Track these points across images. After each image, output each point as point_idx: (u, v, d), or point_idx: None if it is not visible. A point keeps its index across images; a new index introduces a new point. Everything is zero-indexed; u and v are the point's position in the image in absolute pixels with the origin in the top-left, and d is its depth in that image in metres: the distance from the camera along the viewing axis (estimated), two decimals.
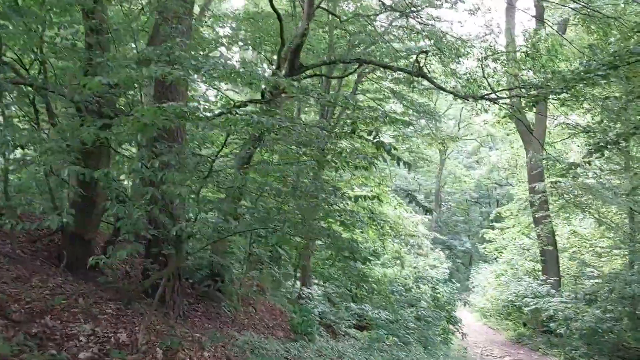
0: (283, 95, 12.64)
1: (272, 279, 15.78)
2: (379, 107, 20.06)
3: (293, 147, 10.48)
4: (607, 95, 12.20)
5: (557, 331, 16.16)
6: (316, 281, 16.89)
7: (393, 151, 6.50)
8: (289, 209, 9.80)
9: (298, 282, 16.08)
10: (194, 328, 9.24)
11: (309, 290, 15.21)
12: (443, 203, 51.14)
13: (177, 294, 9.81)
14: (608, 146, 11.53)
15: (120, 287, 7.41)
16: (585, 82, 7.69)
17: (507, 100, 13.57)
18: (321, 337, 11.99)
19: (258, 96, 11.46)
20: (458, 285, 24.40)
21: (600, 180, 17.15)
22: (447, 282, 29.13)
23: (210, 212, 10.08)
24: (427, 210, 11.98)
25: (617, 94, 12.28)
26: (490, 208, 46.27)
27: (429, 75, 11.84)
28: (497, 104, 12.23)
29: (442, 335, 14.73)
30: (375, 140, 6.58)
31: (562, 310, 15.32)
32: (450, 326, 15.49)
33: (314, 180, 15.55)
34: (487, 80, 12.66)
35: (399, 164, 6.43)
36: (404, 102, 18.73)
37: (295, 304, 10.55)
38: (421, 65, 11.55)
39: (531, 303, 17.58)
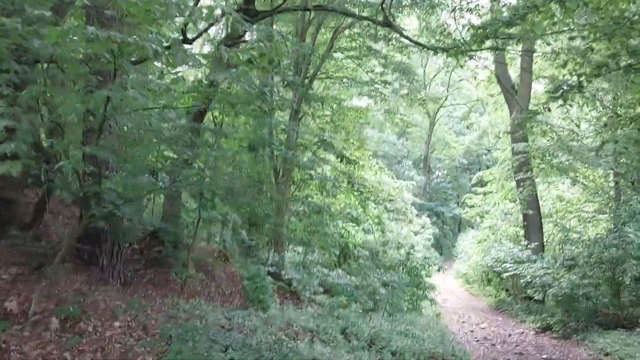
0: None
1: (239, 246, 15.16)
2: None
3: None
4: (571, 35, 11.28)
5: (535, 297, 15.65)
6: (295, 248, 16.28)
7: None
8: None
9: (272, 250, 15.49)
10: (133, 295, 8.61)
11: (281, 257, 14.59)
12: (433, 169, 50.53)
13: (118, 259, 9.15)
14: (566, 88, 10.68)
15: (31, 250, 6.70)
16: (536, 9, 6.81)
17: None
18: (281, 304, 11.41)
19: None
20: (433, 250, 23.92)
21: (583, 140, 16.47)
22: (428, 248, 28.76)
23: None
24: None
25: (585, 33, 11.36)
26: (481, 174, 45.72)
27: (396, 24, 11.03)
28: (468, 56, 11.39)
29: (410, 302, 14.18)
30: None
31: (540, 276, 14.75)
32: (421, 292, 14.91)
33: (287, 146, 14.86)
34: (460, 32, 11.81)
35: None
36: (380, 59, 17.84)
37: (247, 270, 9.88)
38: (387, 14, 10.69)
39: (510, 269, 17.02)
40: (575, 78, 9.48)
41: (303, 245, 15.99)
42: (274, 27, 18.25)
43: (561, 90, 8.22)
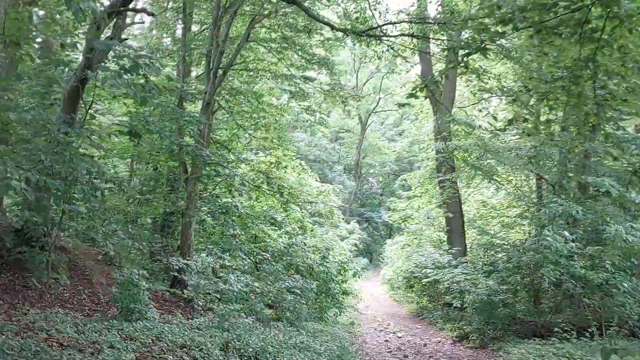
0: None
1: (129, 249, 13.68)
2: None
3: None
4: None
5: (455, 304, 14.92)
6: (205, 254, 14.89)
7: None
8: None
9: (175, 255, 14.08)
10: None
11: (185, 262, 13.18)
12: (364, 175, 50.04)
13: None
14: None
15: None
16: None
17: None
18: (168, 314, 10.08)
19: None
20: (356, 256, 23.10)
21: (505, 142, 15.94)
22: (354, 254, 27.94)
23: None
24: None
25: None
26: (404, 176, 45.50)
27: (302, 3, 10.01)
28: (381, 41, 10.47)
29: (317, 310, 13.11)
30: None
31: (459, 282, 14.00)
32: (331, 299, 13.84)
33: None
34: (372, 12, 10.86)
35: None
36: (300, 52, 16.77)
37: (118, 277, 8.50)
38: None
39: (430, 274, 16.28)
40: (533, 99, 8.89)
41: (208, 248, 14.71)
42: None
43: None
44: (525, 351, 10.23)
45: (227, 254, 14.35)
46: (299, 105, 19.84)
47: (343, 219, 32.75)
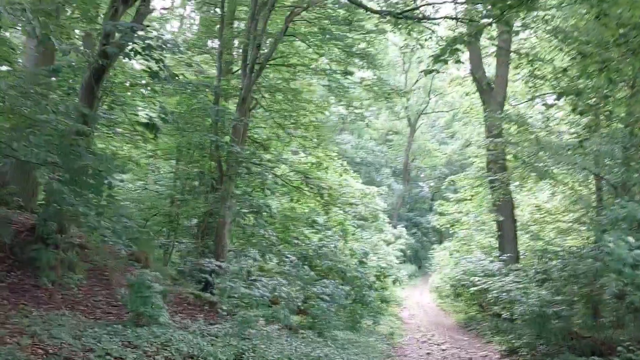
0: None
1: (154, 247, 13.22)
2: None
3: None
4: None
5: (504, 315, 13.75)
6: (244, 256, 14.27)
7: None
8: None
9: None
10: None
11: (218, 264, 12.57)
12: (413, 179, 48.73)
13: None
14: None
15: None
16: None
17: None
18: (187, 318, 9.44)
19: None
20: (402, 262, 22.08)
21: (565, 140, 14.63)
22: (402, 260, 26.88)
23: None
24: None
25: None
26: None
27: None
28: (421, 24, 9.54)
29: (350, 318, 12.19)
30: None
31: (508, 291, 12.84)
32: (366, 307, 12.90)
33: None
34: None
35: None
36: (339, 45, 15.94)
37: (131, 279, 7.89)
38: None
39: (478, 282, 15.13)
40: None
41: (246, 250, 14.06)
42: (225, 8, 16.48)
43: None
44: None
45: (262, 256, 13.71)
46: (341, 103, 19.01)
47: (389, 223, 31.70)
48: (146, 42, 7.31)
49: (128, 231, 8.01)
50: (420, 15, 9.45)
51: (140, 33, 7.93)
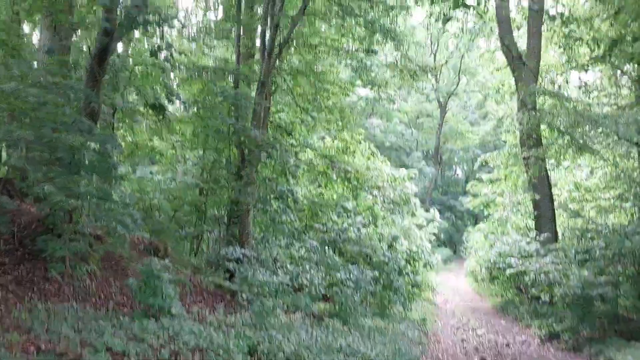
0: None
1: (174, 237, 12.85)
2: None
3: None
4: None
5: (543, 298, 12.99)
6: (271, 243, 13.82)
7: None
8: None
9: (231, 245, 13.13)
10: None
11: (242, 252, 12.15)
12: (445, 161, 47.70)
13: None
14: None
15: None
16: None
17: None
18: (206, 308, 9.02)
19: None
20: (436, 246, 21.36)
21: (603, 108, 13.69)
22: (435, 244, 26.05)
23: None
24: None
25: None
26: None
27: None
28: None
29: (377, 304, 11.60)
30: None
31: (547, 273, 12.08)
32: (393, 292, 12.26)
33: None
34: None
35: None
36: (361, 22, 15.21)
37: (144, 269, 7.45)
38: None
39: (514, 264, 14.38)
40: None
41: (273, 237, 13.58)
42: None
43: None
44: (633, 357, 8.31)
45: (286, 243, 13.24)
46: (366, 84, 18.31)
47: (422, 207, 30.90)
48: (144, 17, 6.81)
49: (133, 219, 7.49)
50: None
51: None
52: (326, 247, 11.81)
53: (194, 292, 10.05)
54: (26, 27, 15.51)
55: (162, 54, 7.61)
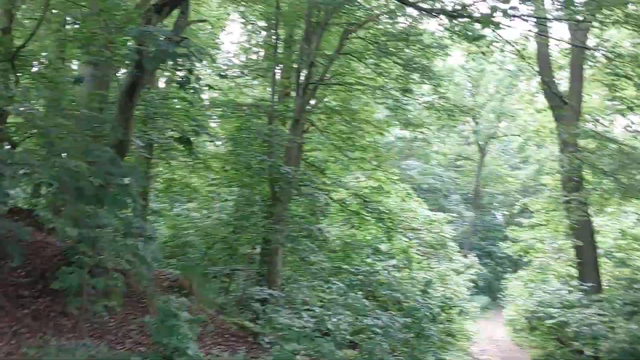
0: None
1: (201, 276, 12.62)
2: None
3: None
4: None
5: (587, 352, 12.18)
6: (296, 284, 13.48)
7: None
8: None
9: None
10: None
11: (270, 292, 11.85)
12: (485, 205, 46.62)
13: None
14: None
15: None
16: None
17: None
18: (228, 350, 8.68)
19: None
20: (464, 292, 20.57)
21: None
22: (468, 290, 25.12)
23: None
24: None
25: None
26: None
27: None
28: (479, 22, 8.53)
29: (407, 354, 10.96)
30: None
31: (591, 325, 11.34)
32: (427, 340, 11.63)
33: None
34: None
35: None
36: (397, 61, 15.03)
37: (161, 307, 7.19)
38: None
39: (555, 314, 13.61)
40: None
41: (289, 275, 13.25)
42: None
43: None
44: None
45: (313, 284, 12.85)
46: (401, 123, 18.00)
47: (460, 252, 30.06)
48: (174, 49, 6.72)
49: (153, 254, 7.27)
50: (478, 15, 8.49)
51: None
52: (355, 290, 11.37)
53: (216, 333, 9.74)
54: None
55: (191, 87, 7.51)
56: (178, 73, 7.93)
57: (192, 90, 7.17)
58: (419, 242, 21.41)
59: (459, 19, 9.10)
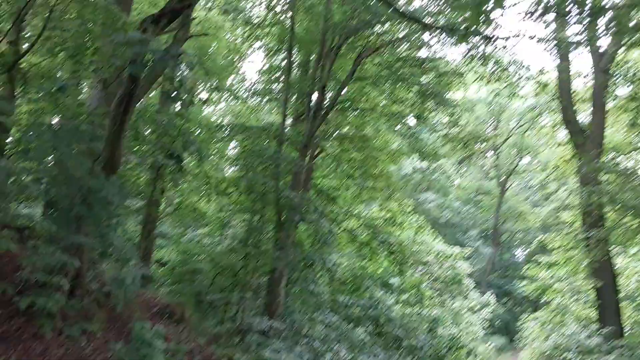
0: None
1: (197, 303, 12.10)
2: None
3: None
4: None
5: None
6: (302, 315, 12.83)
7: None
8: None
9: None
10: None
11: (270, 323, 11.26)
12: (504, 243, 45.45)
13: None
14: None
15: None
16: None
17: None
18: None
19: None
20: (479, 332, 19.67)
21: None
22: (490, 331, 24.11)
23: None
24: None
25: None
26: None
27: None
28: (492, 41, 8.04)
29: None
30: None
31: None
32: None
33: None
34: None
35: None
36: (411, 88, 14.57)
37: (135, 334, 6.66)
38: None
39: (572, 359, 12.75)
40: None
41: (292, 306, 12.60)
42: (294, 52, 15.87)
43: None
44: None
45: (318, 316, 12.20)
46: (415, 153, 17.48)
47: (477, 290, 29.06)
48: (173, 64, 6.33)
49: (133, 277, 6.77)
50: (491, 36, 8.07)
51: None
52: (360, 324, 10.71)
53: None
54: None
55: (180, 102, 7.13)
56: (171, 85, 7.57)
57: (180, 102, 6.76)
58: (433, 277, 20.69)
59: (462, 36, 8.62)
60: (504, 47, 9.42)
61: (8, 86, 10.53)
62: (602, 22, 8.44)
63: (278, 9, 16.73)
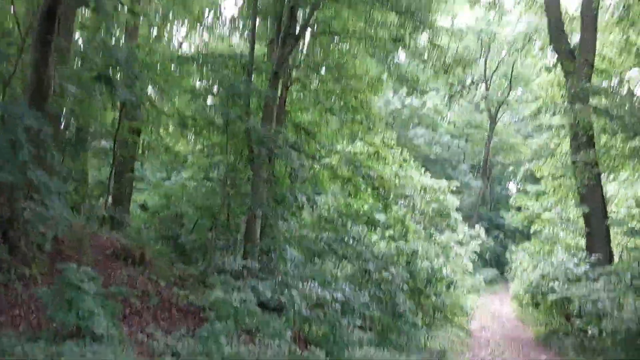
0: None
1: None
2: None
3: None
4: None
5: (589, 331, 10.83)
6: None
7: None
8: None
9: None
10: None
11: (243, 264, 10.62)
12: (495, 176, 44.95)
13: None
14: None
15: None
16: None
17: None
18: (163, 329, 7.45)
19: None
20: (466, 264, 19.30)
21: None
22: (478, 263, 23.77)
23: None
24: None
25: None
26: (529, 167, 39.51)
27: None
28: None
29: (379, 331, 9.62)
30: None
31: (594, 301, 9.98)
32: (404, 319, 10.29)
33: None
34: None
35: None
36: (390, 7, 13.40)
37: (60, 277, 5.94)
38: None
39: (558, 289, 12.26)
40: None
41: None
42: None
43: None
44: None
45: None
46: (394, 80, 16.40)
47: (468, 223, 28.61)
48: None
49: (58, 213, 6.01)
50: None
51: None
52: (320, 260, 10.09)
53: (162, 307, 8.55)
54: None
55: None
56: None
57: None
58: (417, 211, 20.14)
59: None
60: None
61: None
62: None
63: None
